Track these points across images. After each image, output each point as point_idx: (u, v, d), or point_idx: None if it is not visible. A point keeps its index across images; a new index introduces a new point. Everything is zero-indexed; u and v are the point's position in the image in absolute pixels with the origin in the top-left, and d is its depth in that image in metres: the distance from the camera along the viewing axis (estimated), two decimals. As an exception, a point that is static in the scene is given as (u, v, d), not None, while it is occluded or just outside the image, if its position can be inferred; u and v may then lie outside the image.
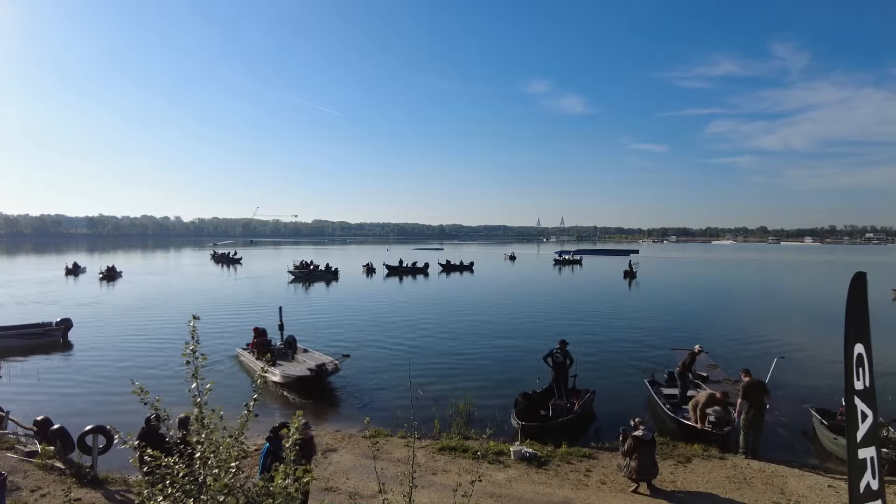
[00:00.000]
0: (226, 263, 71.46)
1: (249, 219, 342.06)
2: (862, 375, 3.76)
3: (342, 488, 8.48)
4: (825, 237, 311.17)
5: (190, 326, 3.77)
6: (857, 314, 3.81)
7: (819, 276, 61.52)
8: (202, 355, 3.69)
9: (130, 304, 31.99)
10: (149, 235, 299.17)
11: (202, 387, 3.63)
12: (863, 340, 3.74)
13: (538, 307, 32.09)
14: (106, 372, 17.29)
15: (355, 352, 17.54)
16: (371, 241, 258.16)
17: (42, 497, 8.28)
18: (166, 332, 22.59)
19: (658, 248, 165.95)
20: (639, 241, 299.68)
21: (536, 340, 21.96)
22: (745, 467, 9.54)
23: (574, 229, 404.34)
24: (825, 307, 31.95)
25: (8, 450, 10.06)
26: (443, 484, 8.59)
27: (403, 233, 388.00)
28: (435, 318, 27.92)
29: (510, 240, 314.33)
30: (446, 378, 15.88)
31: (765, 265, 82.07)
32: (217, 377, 14.40)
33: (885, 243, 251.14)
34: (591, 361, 17.08)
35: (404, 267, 55.26)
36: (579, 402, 12.31)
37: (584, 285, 48.38)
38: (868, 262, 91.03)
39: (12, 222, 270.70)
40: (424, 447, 10.25)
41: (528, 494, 8.39)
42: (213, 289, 41.89)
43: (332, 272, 50.99)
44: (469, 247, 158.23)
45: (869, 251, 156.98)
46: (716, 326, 25.57)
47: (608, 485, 8.80)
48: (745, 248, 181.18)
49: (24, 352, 19.36)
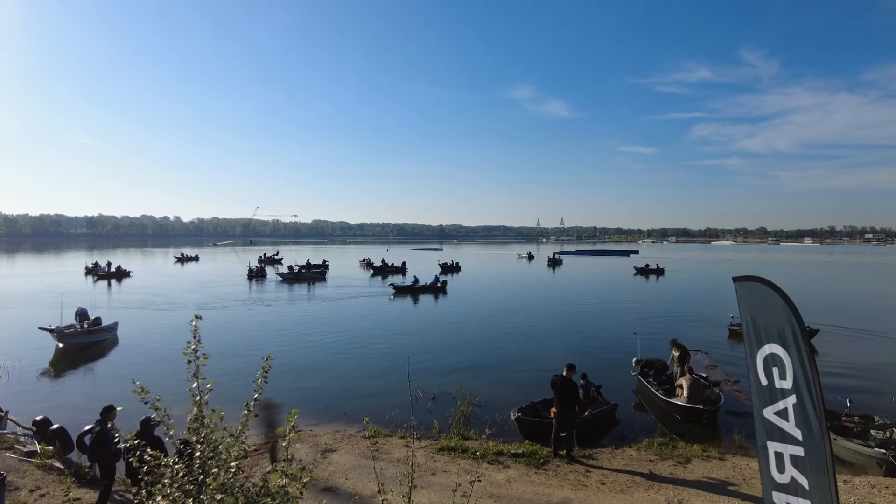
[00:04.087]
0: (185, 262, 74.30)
1: (249, 219, 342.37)
2: (780, 375, 3.62)
3: (341, 488, 8.47)
4: (824, 238, 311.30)
5: (192, 326, 3.78)
6: (761, 317, 3.71)
7: (821, 277, 61.55)
8: (203, 355, 3.69)
9: (133, 303, 31.97)
10: (148, 235, 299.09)
11: (203, 386, 3.63)
12: (777, 341, 3.61)
13: (537, 307, 32.10)
14: (106, 372, 17.30)
15: (355, 352, 17.52)
16: (371, 241, 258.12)
17: (41, 497, 8.27)
18: (167, 331, 22.58)
19: (657, 249, 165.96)
20: (638, 241, 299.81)
21: (536, 340, 21.99)
22: (745, 468, 9.54)
23: (574, 230, 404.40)
24: (826, 308, 31.97)
25: (7, 449, 10.05)
26: (442, 484, 8.58)
27: (403, 233, 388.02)
28: (435, 317, 27.91)
29: (510, 240, 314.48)
30: (446, 378, 15.87)
31: (765, 265, 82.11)
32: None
33: (885, 244, 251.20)
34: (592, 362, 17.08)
35: (389, 267, 57.42)
36: (593, 411, 11.89)
37: (581, 284, 48.41)
38: (869, 262, 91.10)
39: (12, 222, 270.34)
40: (424, 447, 10.24)
41: (528, 495, 8.38)
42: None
43: (321, 272, 51.10)
44: (469, 247, 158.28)
45: (868, 252, 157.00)
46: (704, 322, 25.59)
47: (608, 485, 8.79)
48: (744, 248, 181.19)
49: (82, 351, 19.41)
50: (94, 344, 20.21)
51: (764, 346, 3.65)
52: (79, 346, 19.59)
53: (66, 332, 19.49)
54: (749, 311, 3.79)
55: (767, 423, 3.63)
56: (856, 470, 9.54)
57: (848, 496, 7.96)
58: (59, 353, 19.14)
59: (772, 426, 3.60)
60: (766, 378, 3.63)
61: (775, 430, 3.58)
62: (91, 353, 19.25)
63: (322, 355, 19.18)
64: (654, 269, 59.20)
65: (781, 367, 3.53)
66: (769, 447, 3.62)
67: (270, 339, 21.60)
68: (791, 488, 3.48)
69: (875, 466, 9.47)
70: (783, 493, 3.53)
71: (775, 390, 3.59)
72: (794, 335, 3.46)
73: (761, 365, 3.68)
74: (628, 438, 11.30)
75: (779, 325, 3.54)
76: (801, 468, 3.42)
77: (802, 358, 3.43)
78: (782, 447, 3.53)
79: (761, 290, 3.68)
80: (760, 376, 3.69)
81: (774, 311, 3.57)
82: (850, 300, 37.13)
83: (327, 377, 16.44)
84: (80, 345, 19.63)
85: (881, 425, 10.30)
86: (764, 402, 3.67)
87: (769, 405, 3.62)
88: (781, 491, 3.55)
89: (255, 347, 19.76)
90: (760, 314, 3.68)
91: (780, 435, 3.54)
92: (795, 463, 3.46)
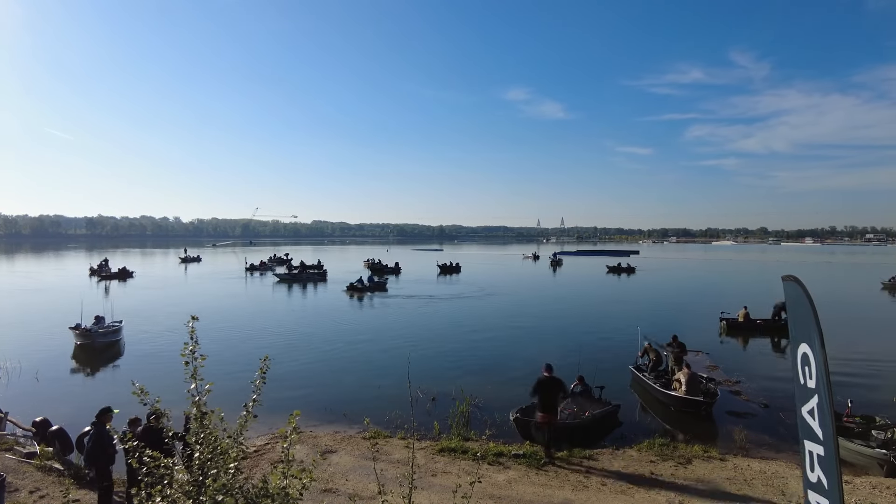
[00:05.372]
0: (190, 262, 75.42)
1: (249, 219, 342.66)
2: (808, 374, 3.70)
3: (342, 489, 8.46)
4: (825, 238, 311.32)
5: (189, 327, 3.76)
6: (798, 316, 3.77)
7: (821, 277, 61.49)
8: (201, 356, 3.68)
9: (135, 304, 31.96)
10: (148, 236, 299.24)
11: (201, 387, 3.62)
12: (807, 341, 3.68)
13: (537, 308, 32.09)
14: (107, 372, 17.29)
15: (355, 353, 17.51)
16: (371, 241, 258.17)
17: (41, 498, 8.27)
18: (166, 331, 22.56)
19: (658, 249, 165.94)
20: (639, 241, 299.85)
21: (537, 340, 21.97)
22: (746, 468, 9.52)
23: (574, 230, 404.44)
24: (826, 308, 31.93)
25: (7, 451, 10.04)
26: (442, 485, 8.56)
27: (403, 233, 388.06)
28: (434, 318, 27.90)
29: (510, 241, 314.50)
30: (446, 379, 15.86)
31: (766, 265, 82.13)
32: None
33: (885, 244, 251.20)
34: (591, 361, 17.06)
35: (386, 267, 58.37)
36: (593, 411, 11.90)
37: (578, 285, 48.41)
38: (868, 262, 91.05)
39: (11, 223, 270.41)
40: (424, 448, 10.23)
41: (528, 496, 8.37)
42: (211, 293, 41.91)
43: (321, 273, 51.08)
44: (469, 248, 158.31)
45: (869, 252, 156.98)
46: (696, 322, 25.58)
47: (608, 486, 8.77)
48: (745, 248, 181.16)
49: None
50: (115, 342, 20.77)
51: (801, 344, 3.71)
52: (106, 344, 20.23)
53: (99, 330, 20.18)
54: (790, 311, 3.88)
55: (803, 421, 3.71)
56: (857, 470, 9.52)
57: (849, 497, 7.94)
58: (77, 353, 19.59)
59: (806, 425, 3.68)
60: (802, 377, 3.69)
61: (808, 429, 3.66)
62: (91, 354, 19.23)
63: (322, 356, 19.16)
64: (626, 267, 62.16)
65: (810, 366, 3.60)
66: (805, 446, 3.68)
67: (270, 340, 21.58)
68: (818, 487, 3.57)
69: (876, 467, 9.46)
70: (814, 493, 3.62)
71: (806, 389, 3.66)
72: (817, 335, 3.52)
73: (799, 363, 3.73)
74: (629, 439, 11.29)
75: (808, 324, 3.60)
76: (823, 468, 3.49)
77: (820, 358, 3.49)
78: (813, 446, 3.62)
79: (796, 289, 3.74)
80: (798, 375, 3.74)
81: (805, 310, 3.63)
82: (851, 300, 37.11)
83: (327, 378, 16.43)
84: (107, 343, 20.29)
85: (882, 426, 10.29)
86: (800, 400, 3.75)
87: (803, 404, 3.69)
88: (813, 490, 3.64)
89: (255, 348, 19.75)
90: (797, 313, 3.75)
91: (811, 434, 3.63)
92: (820, 462, 3.52)
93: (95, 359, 18.76)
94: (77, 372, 17.58)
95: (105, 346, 20.02)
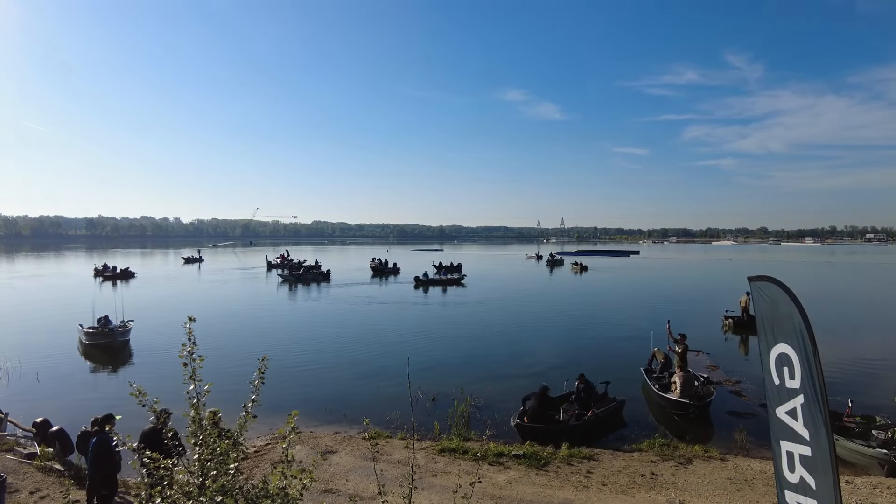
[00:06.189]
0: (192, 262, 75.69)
1: (249, 220, 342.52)
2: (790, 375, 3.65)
3: (342, 490, 8.46)
4: (825, 238, 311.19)
5: (186, 328, 3.76)
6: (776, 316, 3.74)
7: (822, 276, 61.47)
8: (199, 357, 3.68)
9: (138, 304, 31.96)
10: (148, 237, 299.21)
11: (200, 388, 3.62)
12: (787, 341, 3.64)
13: (537, 307, 32.08)
14: (107, 373, 17.29)
15: (355, 353, 17.53)
16: (371, 242, 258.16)
17: (41, 499, 8.27)
18: (167, 331, 22.55)
19: (658, 249, 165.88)
20: (639, 241, 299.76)
21: (537, 340, 21.97)
22: (746, 468, 9.52)
23: (574, 230, 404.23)
24: (826, 308, 31.94)
25: (7, 451, 10.05)
26: (443, 486, 8.56)
27: (403, 234, 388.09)
28: (433, 318, 27.90)
29: (510, 241, 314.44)
30: (446, 379, 15.85)
31: (766, 265, 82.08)
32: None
33: (886, 243, 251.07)
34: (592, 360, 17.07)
35: (388, 268, 58.50)
36: (597, 410, 11.88)
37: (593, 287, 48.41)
38: (869, 261, 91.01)
39: (11, 224, 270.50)
40: (424, 449, 10.22)
41: (529, 496, 8.36)
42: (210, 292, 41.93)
43: (324, 273, 51.14)
44: (469, 248, 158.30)
45: (869, 251, 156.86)
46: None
47: (609, 486, 8.77)
48: (745, 248, 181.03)
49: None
50: (128, 342, 20.88)
51: (776, 345, 3.68)
52: (124, 343, 20.39)
53: (119, 329, 20.40)
54: (762, 311, 3.83)
55: (779, 422, 3.67)
56: (857, 470, 9.52)
57: (850, 496, 7.93)
58: (85, 351, 19.75)
59: (783, 425, 3.64)
60: (778, 377, 3.67)
61: (787, 430, 3.62)
62: (91, 355, 19.25)
63: (322, 356, 19.15)
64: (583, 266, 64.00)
65: (791, 366, 3.57)
66: (781, 446, 3.66)
67: (271, 340, 21.58)
68: (800, 488, 3.52)
69: (877, 467, 9.46)
70: (793, 493, 3.58)
71: (785, 390, 3.62)
72: (801, 335, 3.48)
73: (774, 364, 3.70)
74: (630, 439, 11.29)
75: (789, 324, 3.57)
76: (808, 468, 3.46)
77: (809, 358, 3.46)
78: (793, 447, 3.57)
79: (773, 289, 3.71)
80: (773, 376, 3.72)
81: (785, 310, 3.60)
82: (850, 299, 37.09)
83: (327, 378, 16.42)
84: (124, 342, 20.44)
85: (883, 425, 10.28)
86: (776, 401, 3.70)
87: (781, 405, 3.65)
88: (792, 490, 3.59)
89: (255, 348, 19.74)
90: (773, 314, 3.72)
91: (790, 434, 3.59)
92: (804, 463, 3.49)
93: (99, 359, 18.77)
94: (77, 372, 17.57)
95: (122, 345, 20.21)
